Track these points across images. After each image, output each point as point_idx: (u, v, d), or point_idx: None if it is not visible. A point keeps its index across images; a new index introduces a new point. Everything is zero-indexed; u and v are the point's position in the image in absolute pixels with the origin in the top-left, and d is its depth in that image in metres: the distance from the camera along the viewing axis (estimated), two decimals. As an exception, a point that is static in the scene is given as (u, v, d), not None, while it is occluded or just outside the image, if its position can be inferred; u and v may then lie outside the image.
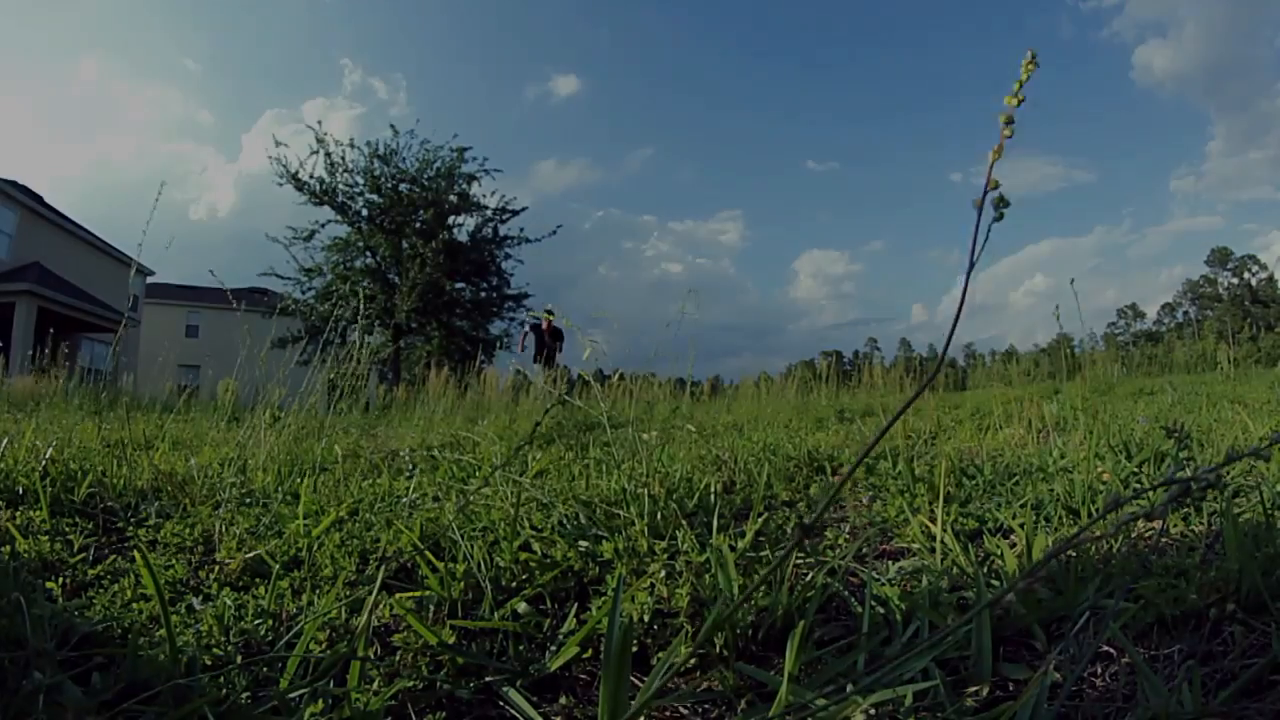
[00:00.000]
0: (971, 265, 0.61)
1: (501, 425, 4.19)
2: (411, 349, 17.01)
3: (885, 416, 3.77)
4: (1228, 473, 2.04)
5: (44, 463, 1.93)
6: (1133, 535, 1.54)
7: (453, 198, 17.16)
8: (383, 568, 1.35)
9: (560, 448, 3.12)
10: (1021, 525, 1.36)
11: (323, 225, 17.21)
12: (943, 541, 1.27)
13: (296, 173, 16.56)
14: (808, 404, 5.31)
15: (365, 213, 16.97)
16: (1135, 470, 1.78)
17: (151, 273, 28.90)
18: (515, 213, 18.10)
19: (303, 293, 17.63)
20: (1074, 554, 1.28)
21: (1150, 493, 1.77)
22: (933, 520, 1.39)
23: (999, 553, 1.22)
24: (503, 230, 18.03)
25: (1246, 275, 79.20)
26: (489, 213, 17.76)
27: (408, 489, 2.00)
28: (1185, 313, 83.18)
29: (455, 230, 17.49)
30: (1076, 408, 3.59)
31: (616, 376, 4.77)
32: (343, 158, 16.86)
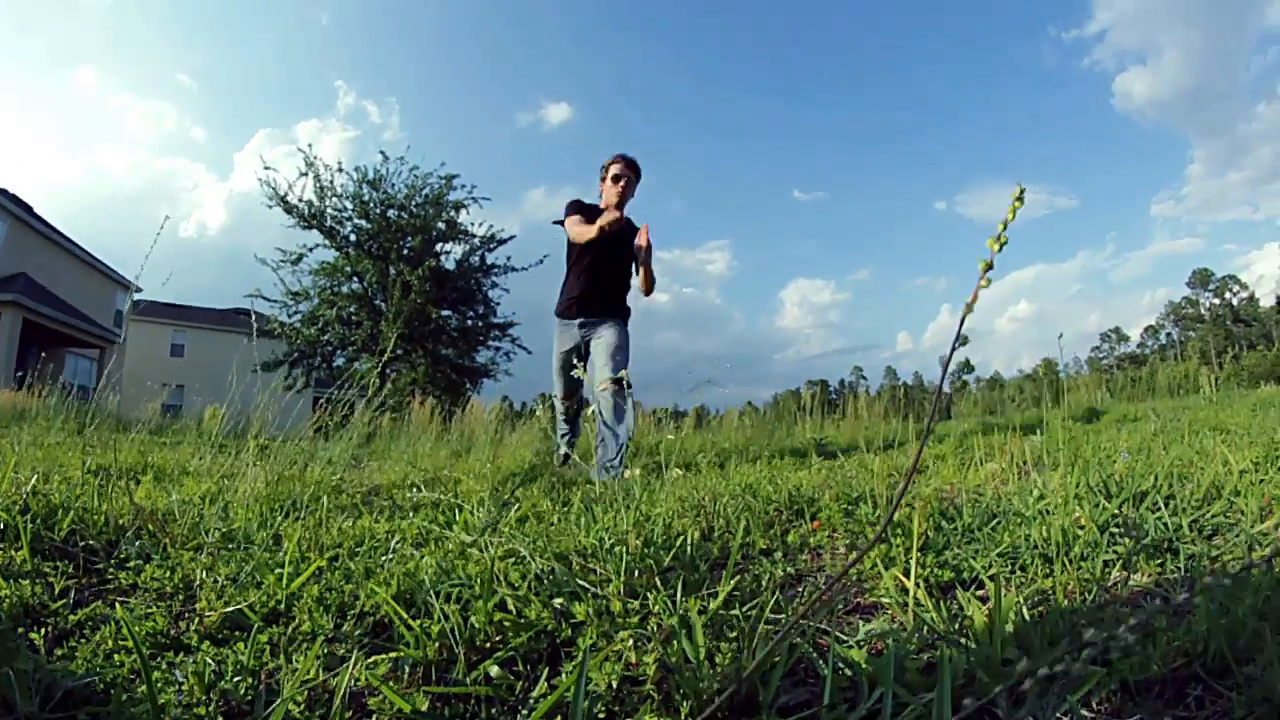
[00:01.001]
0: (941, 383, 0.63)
1: (485, 460, 4.17)
2: (398, 375, 16.90)
3: (870, 451, 3.79)
4: (1207, 512, 2.06)
5: (25, 496, 1.91)
6: (1108, 584, 1.55)
7: (440, 225, 17.19)
8: (359, 626, 1.34)
9: (543, 487, 3.11)
10: (992, 577, 1.37)
11: (311, 249, 17.21)
12: (915, 598, 1.27)
13: (285, 195, 16.54)
14: (793, 436, 5.32)
15: (353, 238, 16.96)
16: (1115, 513, 1.79)
17: (139, 290, 28.83)
18: (503, 241, 18.15)
19: (289, 316, 17.56)
20: (1045, 610, 1.28)
21: (1125, 539, 1.78)
22: (907, 573, 1.39)
23: (969, 610, 1.22)
24: (490, 258, 18.05)
25: (1228, 295, 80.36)
26: (476, 241, 17.82)
27: (388, 535, 1.99)
28: (1168, 334, 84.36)
29: (443, 257, 17.49)
30: (1059, 440, 3.62)
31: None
32: (331, 182, 16.91)
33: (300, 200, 16.66)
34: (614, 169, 4.34)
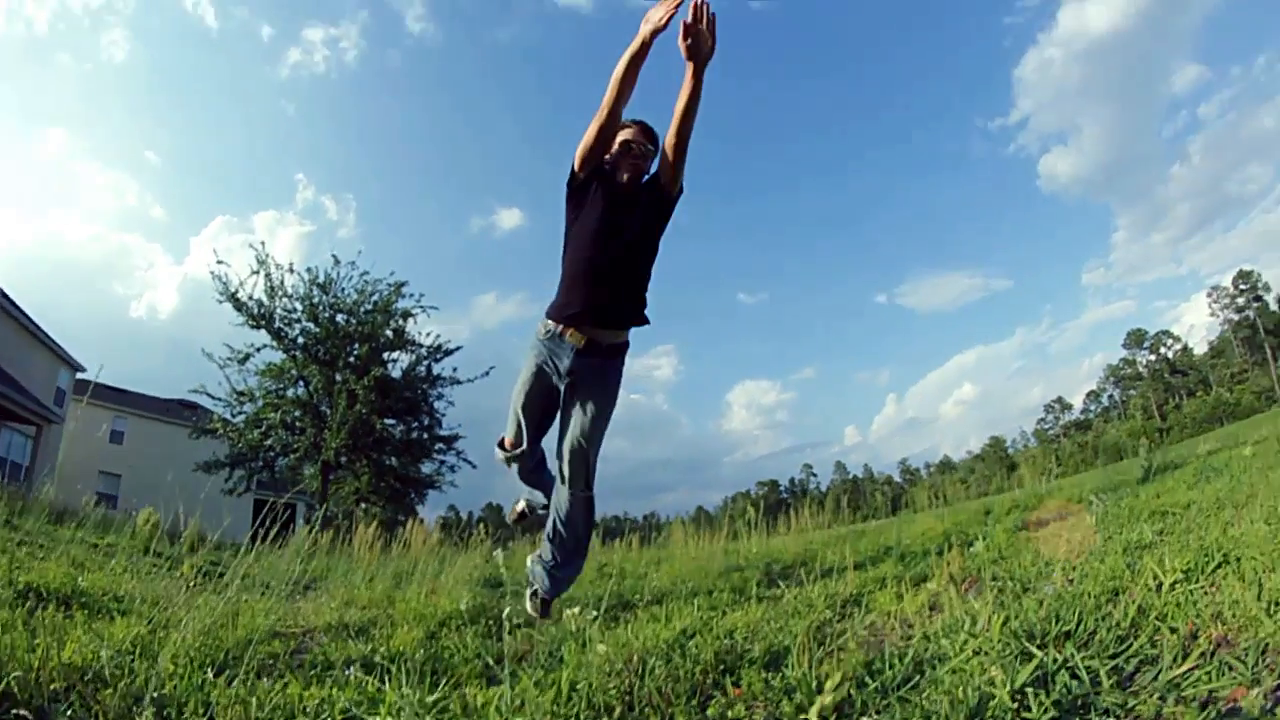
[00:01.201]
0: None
1: (422, 596, 3.99)
2: (341, 484, 16.45)
3: (817, 566, 3.74)
4: (1131, 645, 2.02)
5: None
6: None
7: (388, 333, 17.13)
8: None
9: (478, 634, 2.96)
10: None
11: (258, 349, 16.94)
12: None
13: (236, 292, 16.40)
14: (738, 551, 5.22)
15: (301, 341, 16.76)
16: (1032, 676, 1.74)
17: (82, 369, 27.71)
18: (449, 352, 18.15)
19: (233, 415, 17.12)
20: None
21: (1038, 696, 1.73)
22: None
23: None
24: (436, 369, 18.00)
25: (1163, 350, 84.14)
26: (423, 351, 17.77)
27: (318, 709, 1.87)
28: (1110, 396, 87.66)
29: (389, 366, 17.36)
30: (999, 546, 3.61)
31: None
32: (282, 282, 16.84)
33: (250, 298, 16.54)
34: (624, 134, 3.08)
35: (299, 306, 16.84)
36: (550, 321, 3.10)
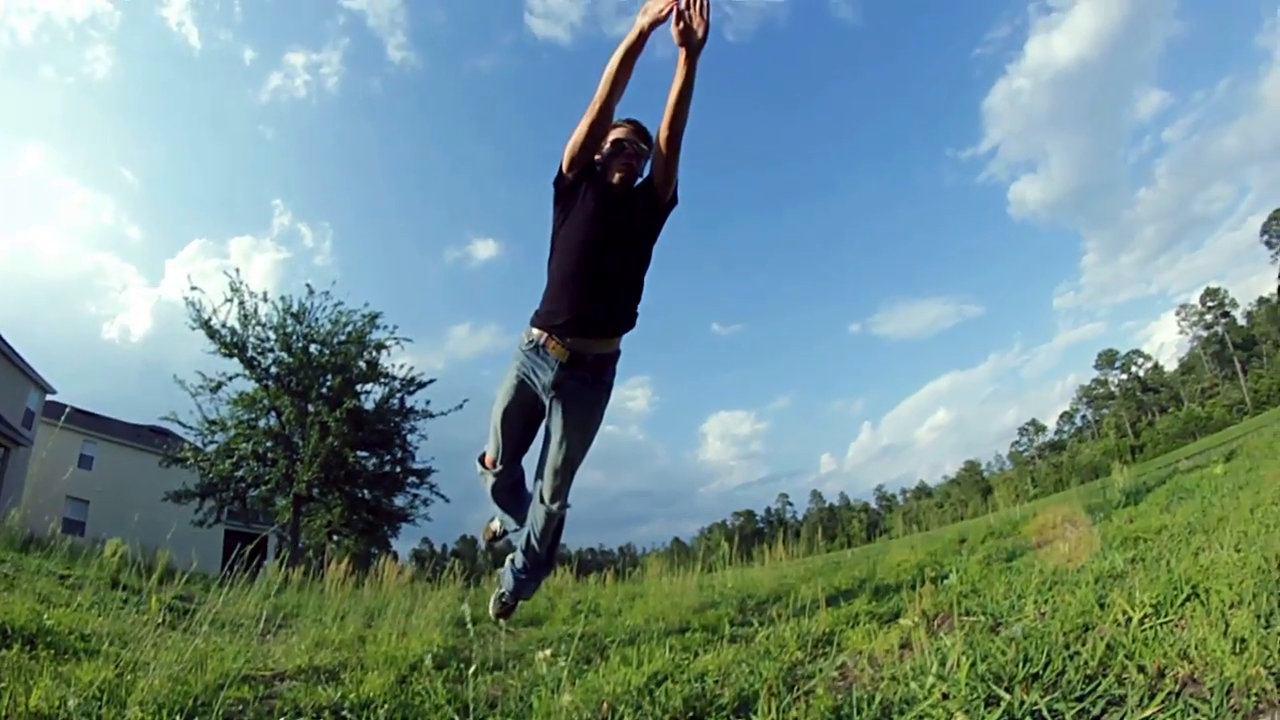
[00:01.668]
0: None
1: (395, 637, 3.89)
2: (313, 516, 16.14)
3: (791, 602, 3.70)
4: (1099, 685, 2.00)
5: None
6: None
7: (361, 364, 17.00)
8: None
9: (448, 679, 2.88)
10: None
11: (230, 378, 16.74)
12: None
13: (209, 320, 16.24)
14: (713, 586, 5.17)
15: (274, 371, 16.55)
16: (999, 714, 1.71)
17: (52, 391, 26.96)
18: (423, 385, 18.07)
19: (204, 444, 16.83)
20: None
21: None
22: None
23: None
24: (409, 401, 17.94)
25: (1134, 369, 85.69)
26: (396, 383, 17.65)
27: None
28: (1083, 417, 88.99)
29: (362, 398, 17.20)
30: (973, 579, 3.60)
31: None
32: (255, 310, 16.67)
33: (223, 326, 16.38)
34: (616, 132, 2.89)
35: (272, 336, 16.69)
36: (533, 331, 2.90)
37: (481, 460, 3.34)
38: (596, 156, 2.88)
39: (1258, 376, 63.68)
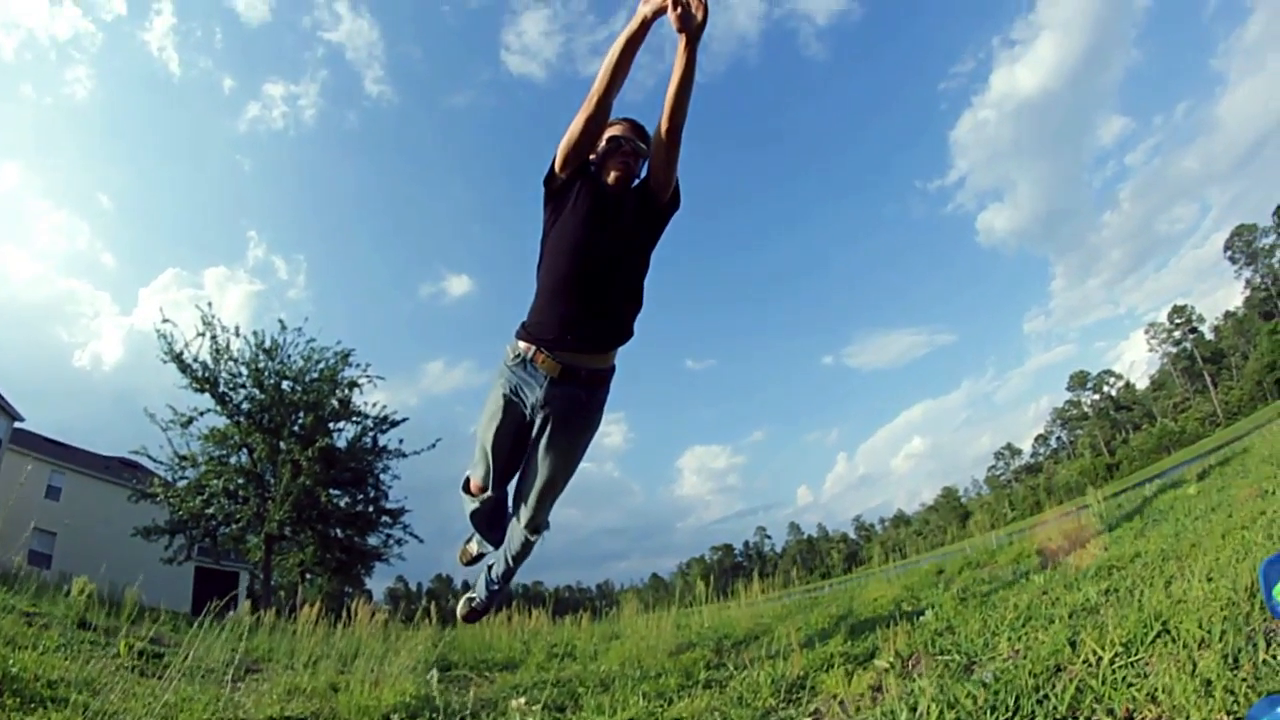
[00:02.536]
0: None
1: (368, 686, 3.78)
2: (285, 555, 15.80)
3: (767, 644, 3.65)
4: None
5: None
6: None
7: (334, 402, 16.82)
8: None
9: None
10: None
11: (202, 413, 16.42)
12: None
13: (181, 354, 15.98)
14: (690, 626, 5.10)
15: (245, 407, 16.28)
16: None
17: (20, 419, 26.13)
18: (395, 423, 17.93)
19: (174, 479, 16.48)
20: None
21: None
22: None
23: None
24: (382, 440, 17.75)
25: (1106, 389, 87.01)
26: (369, 422, 17.48)
27: None
28: (1058, 438, 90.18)
29: (335, 435, 17.02)
30: (948, 616, 3.57)
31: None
32: (227, 345, 16.44)
33: (195, 361, 16.14)
34: (612, 129, 2.71)
35: (244, 371, 16.46)
36: (520, 344, 2.67)
37: (466, 486, 3.13)
38: (591, 156, 2.71)
39: (1228, 388, 65.14)
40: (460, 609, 3.56)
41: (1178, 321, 78.90)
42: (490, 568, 3.31)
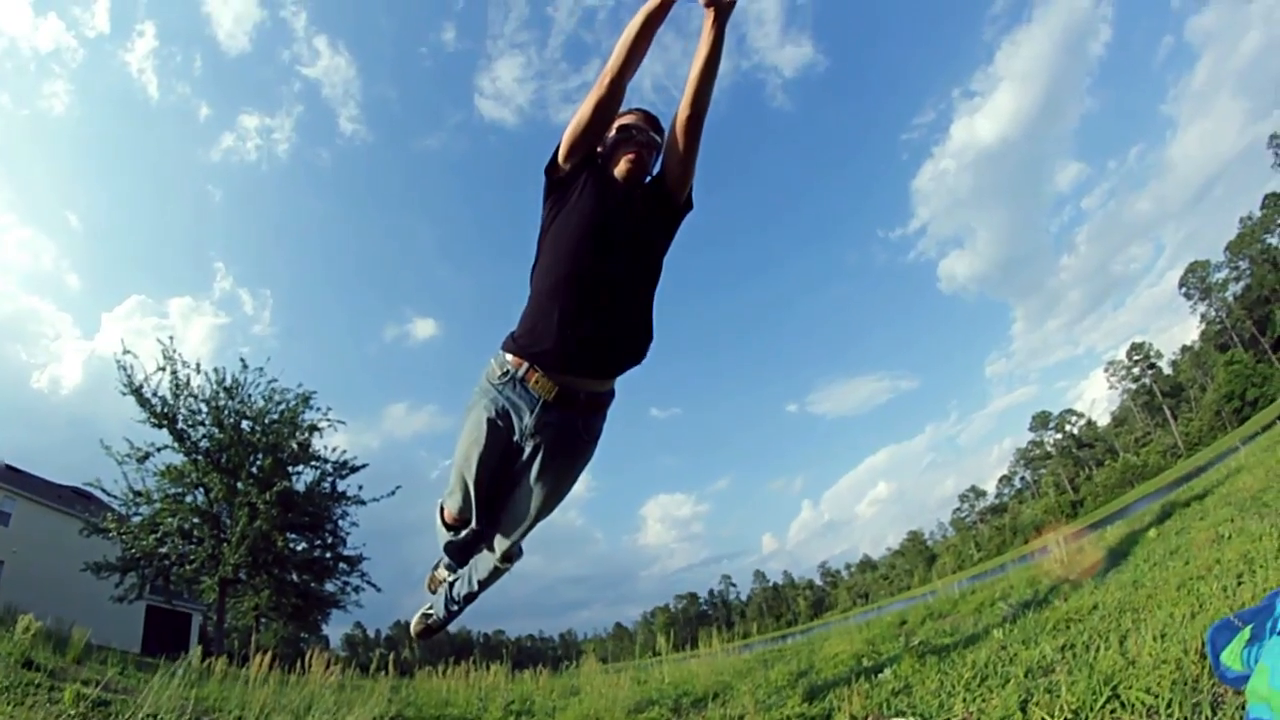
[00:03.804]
0: None
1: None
2: (240, 598, 15.31)
3: (726, 705, 3.59)
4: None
5: None
6: None
7: (294, 445, 16.55)
8: None
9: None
10: None
11: (159, 449, 16.00)
12: None
13: (140, 387, 15.63)
14: (649, 681, 5.01)
15: (204, 445, 15.90)
16: None
17: None
18: (355, 469, 17.72)
19: (128, 514, 16.02)
20: None
21: None
22: None
23: None
24: (341, 485, 17.51)
25: (1068, 427, 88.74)
26: (328, 467, 17.20)
27: None
28: (1022, 478, 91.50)
29: (293, 479, 16.67)
30: (906, 674, 3.56)
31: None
32: (188, 381, 16.08)
33: (154, 395, 15.81)
34: (623, 119, 2.42)
35: (204, 408, 16.17)
36: (509, 359, 2.31)
37: (442, 514, 2.84)
38: (599, 147, 2.42)
39: (1188, 420, 67.02)
40: (415, 624, 3.28)
41: (1136, 358, 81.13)
42: (453, 585, 3.08)
